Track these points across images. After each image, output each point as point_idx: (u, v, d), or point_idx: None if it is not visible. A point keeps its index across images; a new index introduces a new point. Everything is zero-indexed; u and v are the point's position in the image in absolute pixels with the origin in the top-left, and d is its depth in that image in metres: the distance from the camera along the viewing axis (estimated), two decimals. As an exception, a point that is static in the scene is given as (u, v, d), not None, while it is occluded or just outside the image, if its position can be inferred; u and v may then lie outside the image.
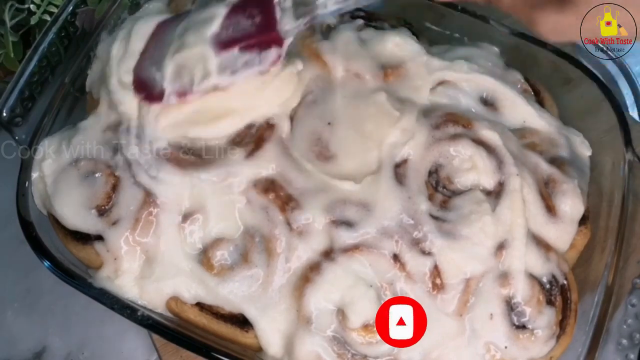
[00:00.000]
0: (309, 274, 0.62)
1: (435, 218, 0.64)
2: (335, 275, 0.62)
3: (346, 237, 0.63)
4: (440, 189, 0.67)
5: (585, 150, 0.74)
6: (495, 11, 0.58)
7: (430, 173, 0.67)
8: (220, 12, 0.64)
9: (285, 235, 0.63)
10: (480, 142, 0.67)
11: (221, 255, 0.64)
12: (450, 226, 0.64)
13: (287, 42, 0.62)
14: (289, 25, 0.62)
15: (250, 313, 0.63)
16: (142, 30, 0.69)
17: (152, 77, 0.65)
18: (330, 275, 0.62)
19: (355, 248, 0.62)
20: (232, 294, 0.63)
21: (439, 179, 0.67)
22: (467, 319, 0.63)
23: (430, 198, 0.66)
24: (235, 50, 0.62)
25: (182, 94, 0.64)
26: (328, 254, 0.62)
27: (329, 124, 0.68)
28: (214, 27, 0.63)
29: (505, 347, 0.62)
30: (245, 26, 0.63)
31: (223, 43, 0.63)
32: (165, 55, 0.65)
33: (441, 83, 0.72)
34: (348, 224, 0.63)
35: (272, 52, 0.62)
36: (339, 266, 0.62)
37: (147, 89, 0.66)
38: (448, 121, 0.69)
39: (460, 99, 0.72)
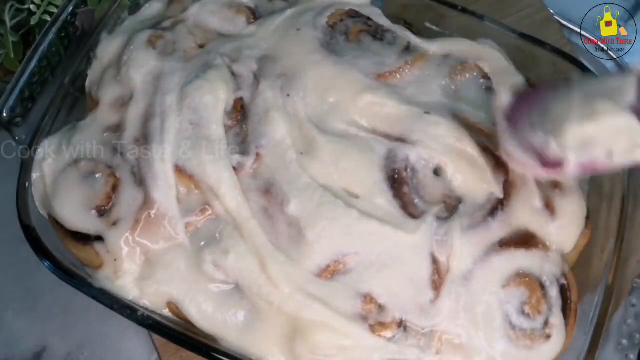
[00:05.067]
0: None
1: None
2: None
3: None
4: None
5: None
6: (496, 12, 0.58)
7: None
8: (629, 81, 0.59)
9: None
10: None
11: None
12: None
13: None
14: None
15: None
16: None
17: (539, 142, 0.61)
18: None
19: None
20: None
21: None
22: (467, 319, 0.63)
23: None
24: None
25: (591, 165, 0.60)
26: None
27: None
28: (630, 96, 0.58)
29: (505, 348, 0.62)
30: None
31: None
32: (563, 119, 0.59)
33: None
34: None
35: None
36: None
37: (535, 155, 0.62)
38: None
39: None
